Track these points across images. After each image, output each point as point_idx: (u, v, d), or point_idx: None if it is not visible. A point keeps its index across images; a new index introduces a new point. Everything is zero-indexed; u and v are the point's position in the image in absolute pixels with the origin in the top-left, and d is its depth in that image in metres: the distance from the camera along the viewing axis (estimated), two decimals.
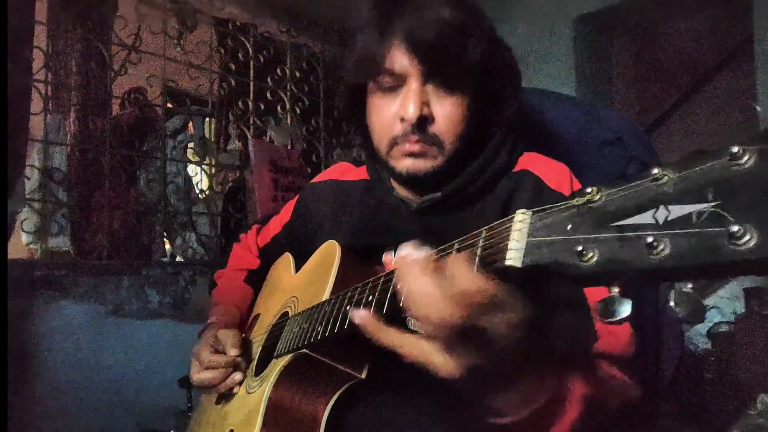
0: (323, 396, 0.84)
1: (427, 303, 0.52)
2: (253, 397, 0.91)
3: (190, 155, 3.08)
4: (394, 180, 0.97)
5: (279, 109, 3.26)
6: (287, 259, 1.16)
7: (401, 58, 0.85)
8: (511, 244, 0.48)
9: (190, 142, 3.06)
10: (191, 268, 2.67)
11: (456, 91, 0.86)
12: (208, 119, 3.43)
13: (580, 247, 0.42)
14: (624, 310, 0.43)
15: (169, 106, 2.99)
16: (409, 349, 0.58)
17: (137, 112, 2.86)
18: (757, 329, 2.39)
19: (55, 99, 2.58)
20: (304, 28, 3.33)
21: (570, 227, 0.44)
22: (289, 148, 3.21)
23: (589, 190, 0.45)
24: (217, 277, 1.30)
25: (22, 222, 2.32)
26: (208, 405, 1.12)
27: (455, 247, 0.59)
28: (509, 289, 0.51)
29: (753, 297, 2.52)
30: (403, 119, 0.85)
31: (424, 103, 0.85)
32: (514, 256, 0.47)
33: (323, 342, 0.77)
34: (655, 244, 0.38)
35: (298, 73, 3.32)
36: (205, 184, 3.12)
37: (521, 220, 0.49)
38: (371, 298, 0.66)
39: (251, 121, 3.13)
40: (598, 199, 0.44)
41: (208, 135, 3.36)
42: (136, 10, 2.65)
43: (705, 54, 4.76)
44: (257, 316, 1.16)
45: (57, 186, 2.47)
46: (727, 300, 2.68)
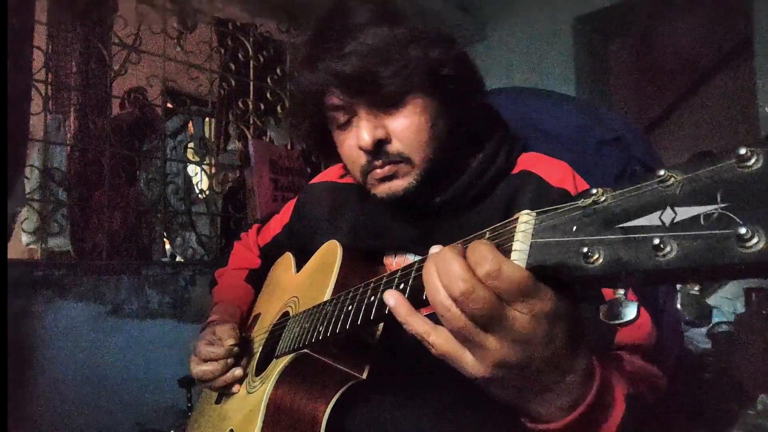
0: (324, 396, 0.84)
1: (453, 286, 0.49)
2: (254, 396, 0.91)
3: (190, 155, 3.08)
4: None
5: (279, 109, 3.26)
6: (288, 258, 1.16)
7: (339, 93, 0.83)
8: (515, 245, 0.48)
9: (190, 142, 3.06)
10: (191, 268, 2.66)
11: (405, 103, 0.83)
12: (208, 119, 3.42)
13: (586, 249, 0.42)
14: (629, 312, 0.42)
15: (169, 106, 2.98)
16: (441, 339, 0.54)
17: (137, 112, 2.86)
18: (757, 329, 2.39)
19: (55, 99, 2.58)
20: (303, 29, 3.32)
21: (575, 228, 0.44)
22: (289, 148, 3.21)
23: (594, 191, 0.44)
24: (218, 276, 1.30)
25: (22, 222, 2.31)
26: (208, 405, 1.12)
27: None
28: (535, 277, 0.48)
29: (753, 297, 2.52)
30: (361, 148, 0.84)
31: (378, 126, 0.83)
32: (519, 257, 0.47)
33: (324, 342, 0.77)
34: (662, 245, 0.38)
35: (297, 74, 3.30)
36: (205, 184, 3.11)
37: (526, 221, 0.49)
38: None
39: (251, 121, 3.13)
40: (604, 200, 0.43)
41: (208, 135, 3.35)
42: (136, 10, 2.64)
43: (704, 54, 4.76)
44: (258, 315, 1.16)
45: (57, 186, 2.47)
46: (727, 300, 2.67)
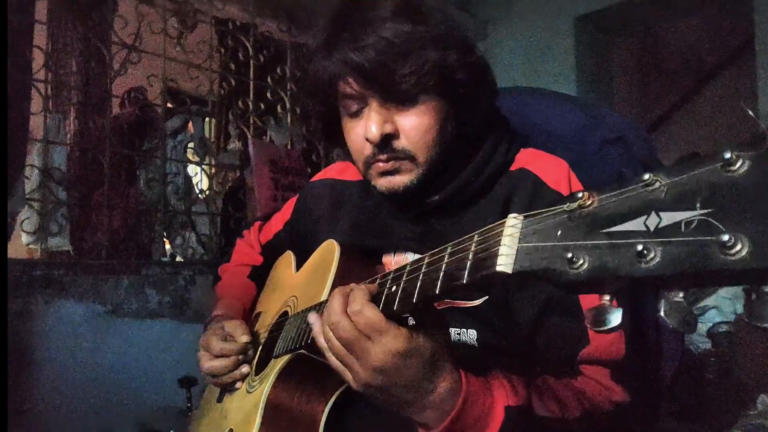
0: (322, 396, 0.85)
1: (330, 316, 0.67)
2: (253, 396, 0.91)
3: (190, 155, 3.08)
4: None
5: (279, 108, 3.25)
6: (289, 257, 1.16)
7: (353, 83, 0.83)
8: (502, 250, 0.47)
9: (190, 142, 3.05)
10: (191, 267, 2.66)
11: (417, 102, 0.82)
12: (208, 119, 3.42)
13: (570, 254, 0.41)
14: (614, 318, 0.42)
15: (169, 105, 2.98)
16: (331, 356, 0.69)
17: (137, 111, 2.86)
18: (757, 329, 2.38)
19: (55, 99, 2.57)
20: (304, 28, 3.32)
21: (560, 233, 0.43)
22: (289, 147, 3.20)
23: (580, 195, 0.43)
24: (221, 272, 1.31)
25: (22, 222, 2.31)
26: (210, 404, 1.12)
27: (448, 251, 0.58)
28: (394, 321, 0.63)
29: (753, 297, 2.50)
30: (368, 140, 0.84)
31: (387, 121, 0.82)
32: (505, 262, 0.47)
33: None
34: (645, 252, 0.37)
35: (298, 73, 3.31)
36: (205, 184, 3.12)
37: (513, 225, 0.49)
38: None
39: (251, 121, 3.13)
40: (590, 204, 0.43)
41: (208, 135, 3.35)
42: (136, 10, 2.64)
43: (706, 53, 4.75)
44: (259, 314, 1.16)
45: (57, 186, 2.47)
46: (727, 300, 2.66)
